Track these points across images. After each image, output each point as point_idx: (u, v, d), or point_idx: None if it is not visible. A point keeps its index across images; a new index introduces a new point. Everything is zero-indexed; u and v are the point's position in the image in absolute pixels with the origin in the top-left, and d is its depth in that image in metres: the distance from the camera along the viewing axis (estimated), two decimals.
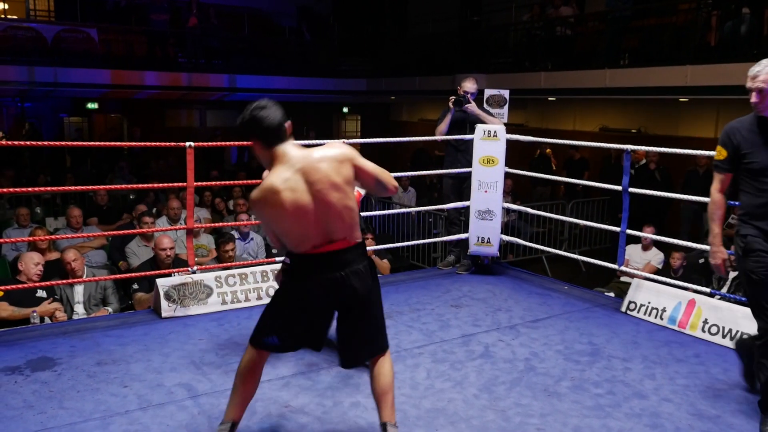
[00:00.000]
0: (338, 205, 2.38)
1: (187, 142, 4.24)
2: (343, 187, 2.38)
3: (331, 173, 2.36)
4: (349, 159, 2.43)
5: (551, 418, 3.01)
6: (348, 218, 2.42)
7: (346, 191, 2.39)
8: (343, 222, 2.41)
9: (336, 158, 2.39)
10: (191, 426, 2.87)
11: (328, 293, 2.47)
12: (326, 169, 2.36)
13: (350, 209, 2.42)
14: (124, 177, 11.29)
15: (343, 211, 2.40)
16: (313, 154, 2.39)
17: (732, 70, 8.09)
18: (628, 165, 4.61)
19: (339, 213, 2.39)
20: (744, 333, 3.86)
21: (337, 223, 2.40)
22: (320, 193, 2.35)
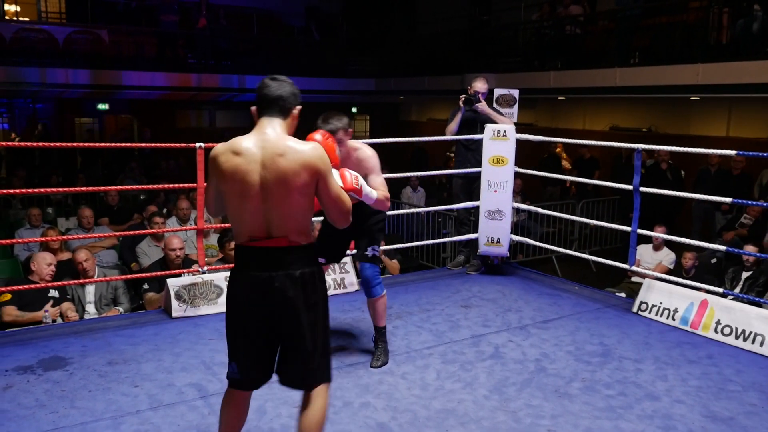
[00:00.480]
0: (283, 200, 2.21)
1: (197, 143, 4.25)
2: (292, 186, 2.20)
3: (287, 169, 2.19)
4: (313, 170, 2.22)
5: (562, 419, 3.00)
6: (292, 217, 2.23)
7: (294, 191, 2.21)
8: (285, 219, 2.23)
9: (301, 160, 2.20)
10: (201, 426, 2.88)
11: (252, 295, 2.25)
12: (284, 163, 2.19)
13: (297, 209, 2.23)
14: (134, 177, 11.34)
15: (287, 209, 2.22)
16: (283, 143, 2.23)
17: (744, 68, 8.03)
18: (639, 164, 4.58)
19: (282, 209, 2.22)
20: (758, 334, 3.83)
21: (279, 218, 2.22)
22: (268, 181, 2.20)
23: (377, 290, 3.54)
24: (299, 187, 2.21)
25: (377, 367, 3.52)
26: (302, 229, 2.27)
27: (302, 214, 2.26)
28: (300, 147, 2.24)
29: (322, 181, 2.26)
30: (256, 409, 3.02)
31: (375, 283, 3.52)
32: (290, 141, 2.26)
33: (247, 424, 2.88)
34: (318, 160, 2.24)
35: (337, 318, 4.28)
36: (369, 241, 3.54)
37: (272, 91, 2.32)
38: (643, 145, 4.56)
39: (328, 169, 2.28)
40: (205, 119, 17.78)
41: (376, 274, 3.54)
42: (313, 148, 2.26)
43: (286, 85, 2.35)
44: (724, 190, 6.30)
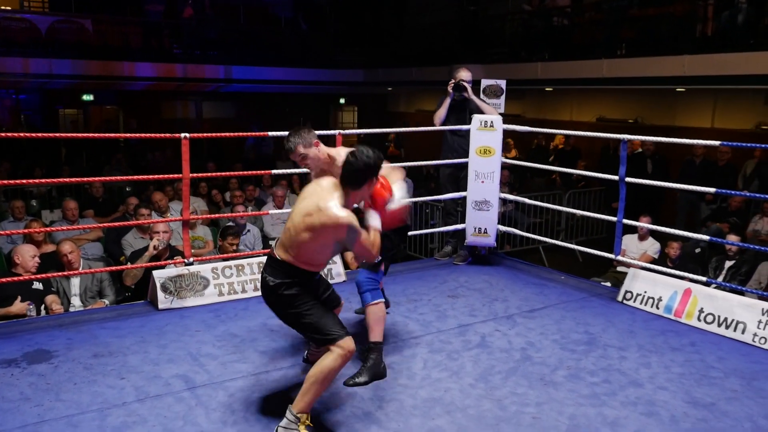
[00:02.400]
0: (292, 228, 2.78)
1: (183, 134, 4.22)
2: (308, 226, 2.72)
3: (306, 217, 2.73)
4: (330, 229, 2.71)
5: (547, 406, 3.03)
6: (289, 241, 2.79)
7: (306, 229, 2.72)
8: (286, 239, 2.81)
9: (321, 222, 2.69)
10: (188, 417, 2.88)
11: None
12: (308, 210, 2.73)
13: (296, 238, 2.76)
14: (120, 169, 11.25)
15: (291, 234, 2.78)
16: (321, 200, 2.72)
17: (729, 60, 8.09)
18: (625, 155, 4.61)
19: (289, 232, 2.80)
20: (739, 321, 3.88)
21: (284, 237, 2.83)
22: (295, 214, 2.80)
23: (366, 297, 3.32)
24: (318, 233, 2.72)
25: (348, 385, 3.19)
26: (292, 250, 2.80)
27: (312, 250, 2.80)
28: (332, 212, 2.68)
29: (345, 239, 2.76)
30: (243, 399, 3.02)
31: (364, 288, 3.33)
32: (333, 201, 2.72)
33: (234, 414, 2.89)
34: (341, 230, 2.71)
35: None
36: None
37: (357, 164, 2.77)
38: (629, 135, 4.58)
39: (352, 234, 2.72)
40: (191, 110, 17.66)
41: (368, 280, 3.33)
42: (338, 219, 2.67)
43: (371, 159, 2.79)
44: (709, 181, 6.36)
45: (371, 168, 2.80)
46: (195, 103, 17.49)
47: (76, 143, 13.89)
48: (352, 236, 2.73)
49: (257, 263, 4.61)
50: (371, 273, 3.36)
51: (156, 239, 5.00)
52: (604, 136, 4.98)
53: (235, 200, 7.53)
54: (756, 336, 3.81)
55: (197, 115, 17.52)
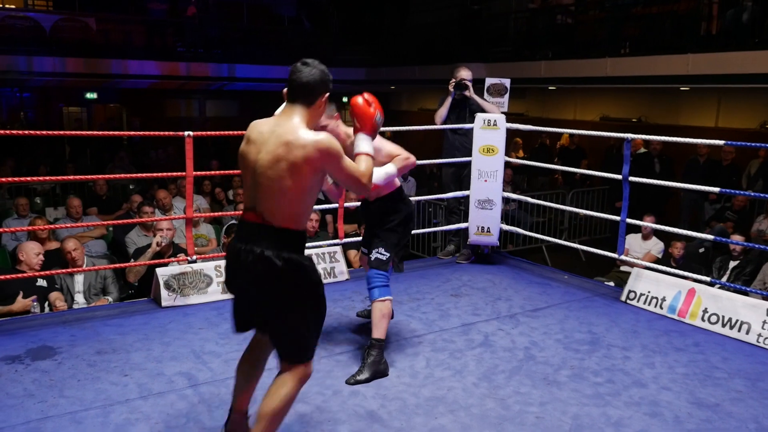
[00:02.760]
0: (268, 183, 2.27)
1: (186, 132, 4.23)
2: (284, 175, 2.24)
3: (281, 160, 2.24)
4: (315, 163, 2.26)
5: (550, 406, 3.02)
6: (274, 198, 2.27)
7: (285, 181, 2.25)
8: (267, 198, 2.29)
9: (302, 155, 2.24)
10: (191, 414, 2.88)
11: (230, 261, 2.39)
12: (283, 152, 2.24)
13: (281, 191, 2.26)
14: (123, 167, 11.27)
15: (271, 188, 2.27)
16: (292, 133, 2.27)
17: (733, 58, 8.07)
18: (628, 154, 4.59)
19: (267, 187, 2.28)
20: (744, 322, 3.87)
21: (263, 196, 2.30)
22: (263, 161, 2.28)
23: (373, 293, 3.31)
24: (293, 176, 2.25)
25: (350, 384, 3.18)
26: (283, 208, 2.29)
27: (288, 198, 2.27)
28: (305, 139, 2.25)
29: (330, 167, 2.33)
30: None
31: (373, 284, 3.31)
32: (300, 131, 2.28)
33: None
34: (322, 154, 2.26)
35: (327, 307, 4.27)
36: (377, 242, 3.41)
37: (300, 77, 2.35)
38: (633, 134, 4.57)
39: (334, 158, 2.31)
40: (194, 108, 17.69)
41: (377, 276, 3.32)
42: (317, 143, 2.25)
43: (316, 72, 2.36)
44: (713, 181, 6.35)
45: (325, 79, 2.39)
46: (198, 102, 17.52)
47: (80, 141, 13.92)
48: (336, 162, 2.32)
49: None
50: (379, 269, 3.33)
51: (159, 236, 5.00)
52: (608, 135, 4.97)
53: (238, 198, 7.53)
54: (761, 336, 3.80)
55: (200, 113, 17.54)
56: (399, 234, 3.46)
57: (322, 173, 2.34)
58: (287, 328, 2.33)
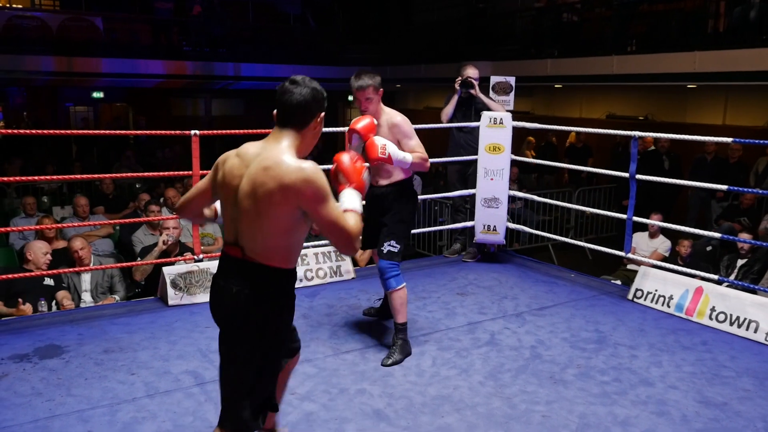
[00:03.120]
0: (249, 213, 2.01)
1: (192, 131, 4.24)
2: (262, 202, 1.97)
3: (263, 185, 1.96)
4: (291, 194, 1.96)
5: (557, 405, 3.01)
6: (253, 232, 2.02)
7: (263, 208, 1.98)
8: (247, 230, 2.03)
9: (279, 181, 1.95)
10: (198, 413, 2.88)
11: (210, 297, 2.18)
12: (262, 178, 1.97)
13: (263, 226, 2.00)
14: (130, 166, 11.31)
15: (252, 223, 2.01)
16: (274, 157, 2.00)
17: (741, 56, 8.02)
18: (635, 152, 4.58)
19: (248, 219, 2.02)
20: (752, 320, 3.85)
21: (243, 228, 2.04)
22: (244, 190, 2.02)
23: (390, 283, 3.45)
24: (270, 206, 1.97)
25: (387, 365, 3.37)
26: (262, 248, 2.02)
27: (271, 233, 2.01)
28: (286, 166, 1.97)
29: (309, 207, 1.98)
30: None
31: (388, 275, 3.44)
32: (285, 156, 2.00)
33: None
34: (302, 184, 1.95)
35: (333, 305, 4.29)
36: (387, 234, 3.48)
37: (289, 99, 2.06)
38: (640, 132, 4.55)
39: (318, 195, 1.97)
40: (200, 107, 17.73)
41: (391, 266, 3.44)
42: (299, 172, 1.95)
43: (306, 91, 2.07)
44: (720, 178, 6.31)
45: (318, 98, 2.10)
46: (204, 101, 17.56)
47: (86, 140, 13.98)
48: (320, 201, 1.98)
49: None
50: (391, 260, 3.45)
51: (166, 235, 5.01)
52: (615, 133, 4.95)
53: None
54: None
55: (206, 112, 17.58)
56: (407, 225, 3.58)
57: (301, 212, 2.00)
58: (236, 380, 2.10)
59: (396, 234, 3.48)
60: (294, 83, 2.09)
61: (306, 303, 4.33)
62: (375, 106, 3.44)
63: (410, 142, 3.45)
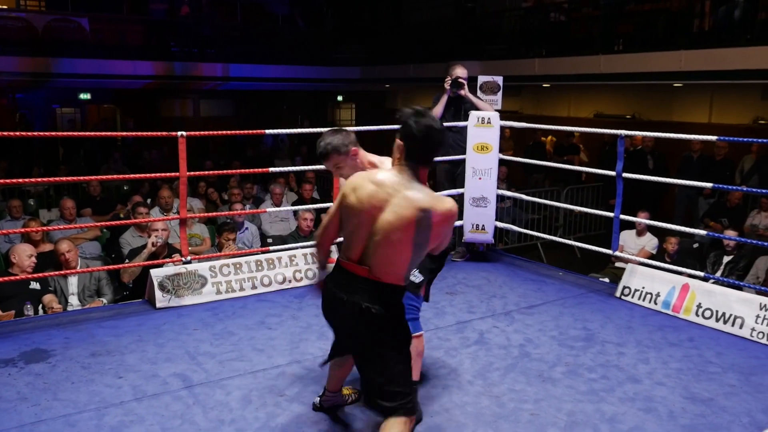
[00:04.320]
0: (390, 237, 2.20)
1: (179, 132, 4.21)
2: (407, 235, 2.19)
3: (409, 213, 2.18)
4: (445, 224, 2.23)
5: (545, 403, 3.03)
6: (387, 256, 2.23)
7: (404, 240, 2.20)
8: (381, 254, 2.23)
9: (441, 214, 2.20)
10: (186, 416, 2.87)
11: (327, 306, 2.41)
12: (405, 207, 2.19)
13: (396, 252, 2.22)
14: (117, 168, 11.23)
15: (389, 246, 2.22)
16: (413, 191, 2.21)
17: (726, 54, 8.08)
18: (622, 150, 4.60)
19: (385, 244, 2.22)
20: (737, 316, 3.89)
21: (377, 250, 2.24)
22: (385, 218, 2.21)
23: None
24: (426, 237, 2.22)
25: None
26: (391, 268, 2.25)
27: (401, 256, 2.24)
28: (445, 204, 2.22)
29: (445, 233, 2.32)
30: (241, 398, 3.03)
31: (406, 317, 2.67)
32: (430, 193, 2.23)
33: (232, 413, 2.89)
34: (452, 218, 2.26)
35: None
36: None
37: (438, 140, 2.25)
38: (626, 131, 4.58)
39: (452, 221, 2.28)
40: (189, 108, 17.63)
41: (410, 307, 2.73)
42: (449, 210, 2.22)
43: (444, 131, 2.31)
44: (707, 176, 6.36)
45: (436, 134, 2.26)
46: (192, 101, 17.46)
47: (73, 142, 13.86)
48: (449, 227, 2.30)
49: (254, 261, 4.61)
50: (413, 299, 2.83)
51: (154, 236, 4.99)
52: (602, 132, 4.98)
53: (233, 198, 7.51)
54: (754, 331, 3.82)
55: (195, 113, 17.49)
56: (436, 258, 2.88)
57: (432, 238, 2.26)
58: (384, 376, 2.30)
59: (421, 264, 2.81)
60: (434, 120, 2.24)
61: (295, 304, 4.32)
62: (349, 170, 2.83)
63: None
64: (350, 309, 2.26)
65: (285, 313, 4.15)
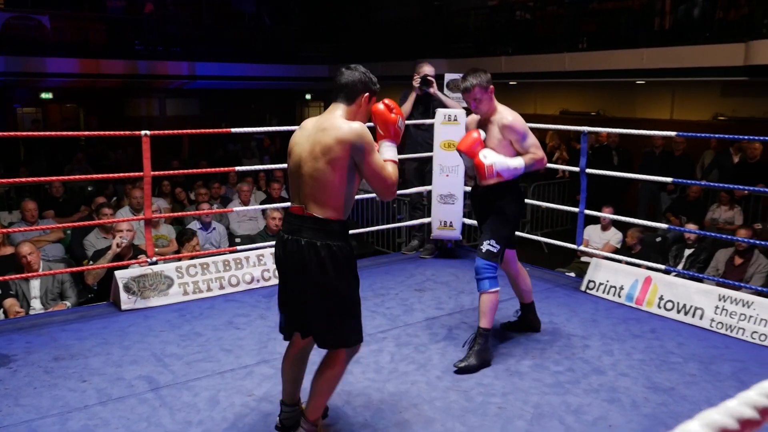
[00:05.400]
0: (309, 172, 2.42)
1: (142, 131, 4.16)
2: (320, 160, 2.39)
3: (322, 143, 2.39)
4: (346, 146, 2.37)
5: (512, 396, 3.07)
6: (314, 189, 2.41)
7: (321, 165, 2.38)
8: (308, 190, 2.43)
9: (335, 136, 2.38)
10: (152, 418, 2.84)
11: (278, 252, 2.53)
12: (320, 137, 2.41)
13: (320, 181, 2.39)
14: (81, 169, 11.02)
15: (311, 181, 2.41)
16: (329, 121, 2.45)
17: (686, 52, 8.28)
18: (585, 147, 4.68)
19: (307, 180, 2.43)
20: (698, 307, 3.99)
21: (304, 188, 2.44)
22: (305, 152, 2.45)
23: (483, 284, 3.31)
24: (330, 160, 2.37)
25: (459, 368, 3.25)
26: (323, 199, 2.41)
27: (328, 187, 2.39)
28: (339, 124, 2.41)
29: (358, 158, 2.41)
30: (209, 399, 3.00)
31: (482, 276, 3.31)
32: (337, 120, 2.44)
33: (200, 414, 2.86)
34: (354, 137, 2.38)
35: None
36: (490, 233, 3.35)
37: (340, 79, 2.54)
38: (589, 127, 4.66)
39: (365, 147, 2.40)
40: (155, 107, 17.37)
41: (487, 267, 3.30)
42: (350, 127, 2.39)
43: (356, 74, 2.54)
44: (668, 171, 6.50)
45: (365, 81, 2.55)
46: (158, 100, 17.21)
47: (35, 142, 13.55)
48: (363, 154, 2.41)
49: (222, 261, 4.57)
50: (489, 261, 3.30)
51: (119, 237, 4.91)
52: (565, 128, 5.05)
53: (200, 198, 7.43)
54: (713, 321, 3.92)
55: (161, 112, 17.24)
56: (511, 225, 3.43)
57: (353, 162, 2.41)
58: (328, 311, 2.45)
59: (497, 233, 3.34)
60: (348, 68, 2.57)
61: (263, 304, 4.30)
62: (486, 105, 3.37)
63: (524, 143, 3.32)
64: (290, 246, 2.43)
65: (253, 313, 4.13)
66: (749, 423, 0.63)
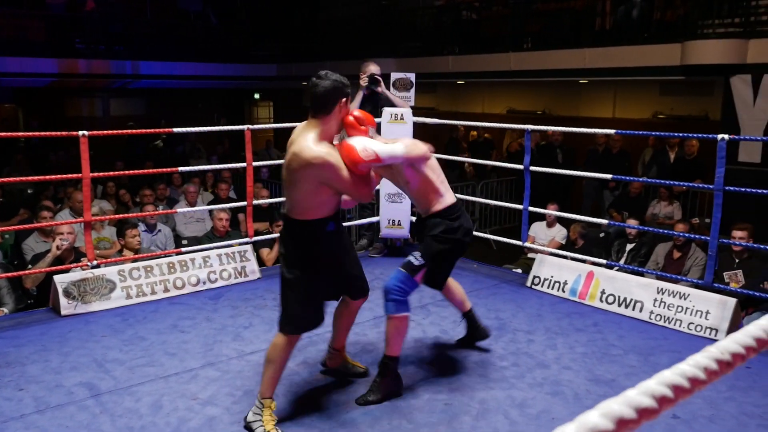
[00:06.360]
0: (286, 182, 2.72)
1: (80, 132, 4.04)
2: (292, 174, 2.65)
3: (293, 165, 2.64)
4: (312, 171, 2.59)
5: (459, 392, 3.10)
6: (288, 196, 2.74)
7: (292, 179, 2.66)
8: (286, 195, 2.77)
9: (302, 161, 2.59)
10: (93, 426, 2.76)
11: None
12: (291, 158, 2.65)
13: (293, 191, 2.68)
14: (20, 171, 10.62)
15: (288, 189, 2.72)
16: (300, 143, 2.62)
17: (626, 52, 8.53)
18: (529, 145, 4.78)
19: (287, 186, 2.72)
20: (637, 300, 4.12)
21: (285, 192, 2.77)
22: (285, 163, 2.72)
23: (388, 307, 2.97)
24: (300, 179, 2.63)
25: (360, 404, 2.95)
26: (295, 204, 2.71)
27: (303, 198, 2.68)
28: (305, 149, 2.59)
29: (324, 179, 2.62)
30: (152, 404, 2.94)
31: (388, 297, 2.98)
32: (306, 142, 2.61)
33: (142, 419, 2.80)
34: (319, 163, 2.57)
35: (238, 306, 4.23)
36: (422, 247, 3.07)
37: (316, 91, 2.67)
38: (533, 126, 4.75)
39: (330, 170, 2.60)
40: (98, 108, 16.87)
41: (395, 288, 2.95)
42: (314, 155, 2.57)
43: (328, 82, 2.67)
44: (608, 169, 6.68)
45: (339, 87, 2.67)
46: (102, 100, 16.72)
47: None
48: (329, 175, 2.60)
49: (167, 263, 4.48)
50: (404, 280, 2.95)
51: (59, 239, 4.76)
52: (510, 127, 5.14)
53: (145, 200, 7.26)
54: (652, 314, 4.06)
55: (104, 112, 16.76)
56: (444, 246, 3.02)
57: (320, 181, 2.63)
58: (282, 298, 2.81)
59: (426, 249, 3.02)
60: (319, 77, 2.68)
61: (210, 306, 4.24)
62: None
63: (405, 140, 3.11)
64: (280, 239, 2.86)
65: (199, 316, 4.06)
66: (647, 412, 0.66)
